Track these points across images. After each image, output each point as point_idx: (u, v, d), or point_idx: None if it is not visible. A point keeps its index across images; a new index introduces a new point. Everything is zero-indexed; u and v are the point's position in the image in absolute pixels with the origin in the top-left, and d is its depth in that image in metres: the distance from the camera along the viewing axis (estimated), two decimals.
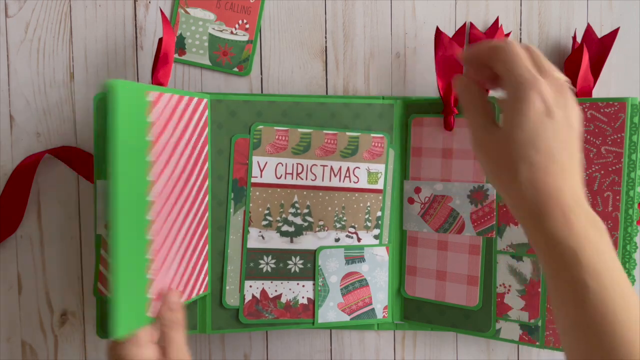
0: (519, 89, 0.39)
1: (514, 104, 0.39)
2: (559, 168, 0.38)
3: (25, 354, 0.59)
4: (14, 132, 0.58)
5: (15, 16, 0.57)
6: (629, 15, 0.61)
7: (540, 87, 0.38)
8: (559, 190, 0.37)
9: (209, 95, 0.53)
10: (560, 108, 0.38)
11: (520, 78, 0.39)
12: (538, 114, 0.38)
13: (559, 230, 0.37)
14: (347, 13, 0.60)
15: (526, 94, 0.38)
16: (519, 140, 0.38)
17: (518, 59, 0.39)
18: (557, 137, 0.38)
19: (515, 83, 0.39)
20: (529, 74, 0.39)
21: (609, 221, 0.52)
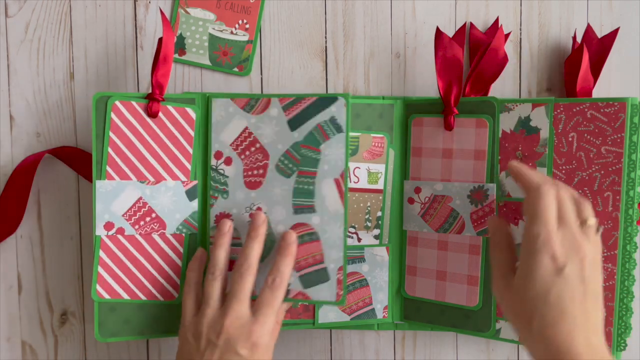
0: (531, 245, 0.41)
1: (526, 259, 0.41)
2: (569, 323, 0.39)
3: (25, 354, 0.59)
4: (14, 132, 0.58)
5: (15, 16, 0.57)
6: (629, 15, 0.61)
7: (552, 245, 0.41)
8: (569, 345, 0.39)
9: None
10: (573, 263, 0.41)
11: (533, 234, 0.41)
12: (547, 272, 0.40)
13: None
14: (347, 13, 0.60)
15: (537, 253, 0.41)
16: (530, 296, 0.40)
17: (541, 211, 0.42)
18: (567, 293, 0.40)
19: (529, 238, 0.42)
20: (544, 231, 0.41)
21: (609, 221, 0.52)
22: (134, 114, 0.52)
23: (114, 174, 0.52)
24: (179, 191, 0.53)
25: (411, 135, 0.58)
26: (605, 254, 0.53)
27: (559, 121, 0.54)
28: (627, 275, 0.52)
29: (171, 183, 0.53)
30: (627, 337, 0.53)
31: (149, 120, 0.52)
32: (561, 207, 0.43)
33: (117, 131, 0.52)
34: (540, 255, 0.41)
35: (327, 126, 0.53)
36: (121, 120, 0.52)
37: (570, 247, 0.41)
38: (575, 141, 0.53)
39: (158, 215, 0.53)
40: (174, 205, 0.53)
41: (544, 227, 0.41)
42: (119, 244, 0.52)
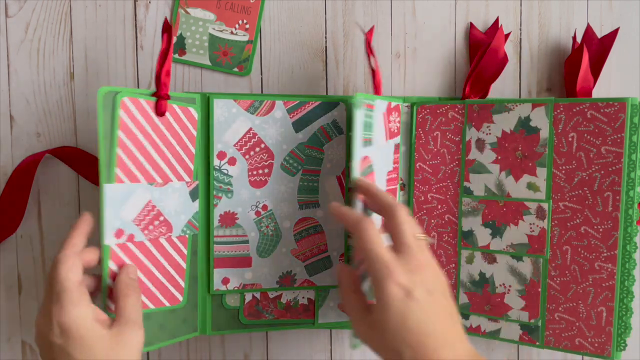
0: (376, 280, 0.42)
1: (377, 298, 0.42)
2: (433, 340, 0.40)
3: (25, 354, 0.59)
4: (14, 132, 0.58)
5: (15, 16, 0.57)
6: (629, 15, 0.61)
7: (394, 275, 0.41)
8: (439, 358, 0.40)
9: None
10: (418, 285, 0.41)
11: (374, 269, 0.42)
12: (399, 300, 0.41)
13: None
14: (347, 13, 0.60)
15: (383, 286, 0.41)
16: (390, 328, 0.41)
17: (368, 248, 0.42)
18: (423, 314, 0.41)
19: (372, 272, 0.42)
20: (380, 265, 0.42)
21: (609, 221, 0.52)
22: (142, 112, 0.49)
23: (123, 176, 0.48)
24: (184, 192, 0.53)
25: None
26: (605, 254, 0.53)
27: (559, 121, 0.54)
28: (627, 275, 0.52)
29: (177, 184, 0.52)
30: (627, 337, 0.53)
31: (156, 119, 0.50)
32: (399, 232, 0.43)
33: (125, 130, 0.48)
34: (387, 288, 0.41)
35: (330, 128, 0.56)
36: (130, 118, 0.48)
37: (412, 270, 0.42)
38: (575, 141, 0.53)
39: (165, 218, 0.52)
40: (179, 207, 0.53)
41: (379, 261, 0.42)
42: (128, 251, 0.49)
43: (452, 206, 0.58)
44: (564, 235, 0.54)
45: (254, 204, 0.55)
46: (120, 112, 0.47)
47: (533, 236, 0.55)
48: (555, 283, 0.55)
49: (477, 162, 0.57)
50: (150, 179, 0.50)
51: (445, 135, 0.58)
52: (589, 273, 0.53)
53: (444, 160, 0.59)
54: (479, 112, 0.57)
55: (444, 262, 0.59)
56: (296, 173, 0.56)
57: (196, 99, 0.53)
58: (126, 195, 0.48)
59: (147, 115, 0.50)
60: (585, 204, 0.53)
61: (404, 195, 0.60)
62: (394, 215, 0.44)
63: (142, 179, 0.49)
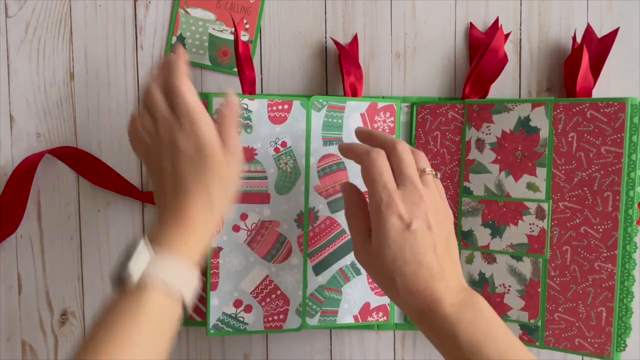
0: (377, 211, 0.43)
1: (377, 226, 0.43)
2: (427, 272, 0.42)
3: (25, 354, 0.59)
4: (14, 132, 0.58)
5: (15, 16, 0.57)
6: (629, 15, 0.61)
7: (396, 206, 0.42)
8: (431, 293, 0.42)
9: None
10: (417, 217, 0.43)
11: (377, 200, 0.43)
12: (397, 231, 0.42)
13: (438, 321, 0.42)
14: (347, 13, 0.60)
15: (383, 216, 0.42)
16: (387, 258, 0.42)
17: (377, 176, 0.43)
18: (419, 246, 0.42)
19: (373, 204, 0.43)
20: (384, 194, 0.43)
21: (608, 221, 0.52)
22: None
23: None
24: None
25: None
26: (605, 254, 0.53)
27: (558, 121, 0.54)
28: (627, 276, 0.52)
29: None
30: (627, 338, 0.53)
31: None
32: (399, 164, 0.44)
33: None
34: (388, 218, 0.42)
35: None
36: None
37: (413, 202, 0.43)
38: (575, 141, 0.53)
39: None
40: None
41: (384, 190, 0.43)
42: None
43: (452, 206, 0.58)
44: (564, 236, 0.54)
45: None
46: None
47: (533, 236, 0.55)
48: (555, 283, 0.55)
49: (477, 162, 0.57)
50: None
51: (445, 135, 0.58)
52: (589, 273, 0.53)
53: (443, 160, 0.59)
54: (478, 112, 0.57)
55: None
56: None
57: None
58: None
59: None
60: (585, 204, 0.53)
61: None
62: (394, 149, 0.45)
63: None
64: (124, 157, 0.59)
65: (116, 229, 0.59)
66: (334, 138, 0.56)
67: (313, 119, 0.55)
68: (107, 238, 0.59)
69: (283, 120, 0.55)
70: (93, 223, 0.59)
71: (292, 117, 0.55)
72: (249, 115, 0.54)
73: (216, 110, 0.47)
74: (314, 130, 0.55)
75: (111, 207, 0.59)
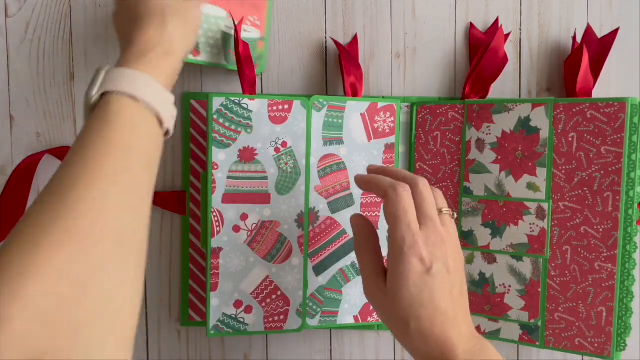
0: (399, 251, 0.41)
1: (396, 265, 0.41)
2: (443, 317, 0.41)
3: None
4: (14, 132, 0.58)
5: (15, 16, 0.57)
6: (629, 15, 0.61)
7: (419, 248, 0.41)
8: (445, 339, 0.41)
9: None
10: (438, 260, 0.41)
11: (399, 239, 0.41)
12: (418, 274, 0.41)
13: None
14: (347, 13, 0.60)
15: (405, 258, 0.41)
16: (404, 301, 0.41)
17: (402, 214, 0.42)
18: (438, 290, 0.41)
19: (395, 243, 0.42)
20: (408, 234, 0.41)
21: (608, 221, 0.52)
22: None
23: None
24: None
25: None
26: (605, 254, 0.53)
27: (558, 121, 0.54)
28: (627, 276, 0.52)
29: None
30: (627, 337, 0.53)
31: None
32: (422, 203, 0.43)
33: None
34: (409, 259, 0.41)
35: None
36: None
37: (434, 245, 0.42)
38: (575, 141, 0.53)
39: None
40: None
41: (408, 230, 0.41)
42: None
43: (452, 206, 0.58)
44: (564, 236, 0.54)
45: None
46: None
47: (533, 236, 0.55)
48: (555, 283, 0.55)
49: (477, 162, 0.57)
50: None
51: (445, 135, 0.58)
52: (589, 273, 0.53)
53: (444, 161, 0.59)
54: (479, 112, 0.57)
55: None
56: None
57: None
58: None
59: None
60: (585, 204, 0.53)
61: None
62: (417, 186, 0.43)
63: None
64: None
65: None
66: (335, 138, 0.56)
67: (313, 119, 0.55)
68: None
69: (283, 120, 0.55)
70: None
71: (293, 117, 0.55)
72: (249, 115, 0.54)
73: None
74: (314, 130, 0.55)
75: None
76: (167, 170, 0.59)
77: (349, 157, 0.57)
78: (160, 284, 0.59)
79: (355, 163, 0.57)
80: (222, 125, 0.53)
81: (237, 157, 0.54)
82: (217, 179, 0.54)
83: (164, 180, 0.59)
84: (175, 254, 0.59)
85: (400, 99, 0.59)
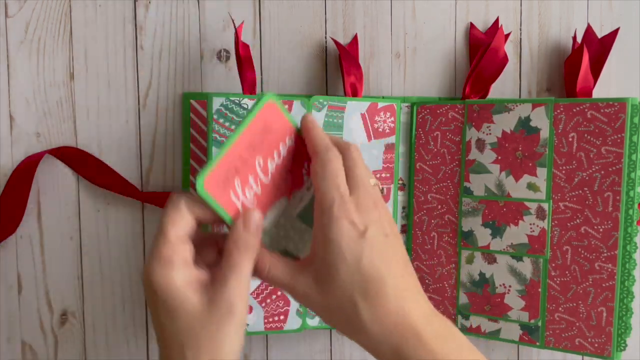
0: (327, 215, 0.36)
1: (324, 234, 0.36)
2: (394, 289, 0.35)
3: (25, 354, 0.59)
4: (14, 132, 0.58)
5: (15, 16, 0.57)
6: (629, 15, 0.61)
7: (349, 210, 0.36)
8: (405, 313, 0.35)
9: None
10: (373, 223, 0.36)
11: (328, 200, 0.36)
12: (351, 239, 0.35)
13: (418, 355, 0.35)
14: (347, 13, 0.60)
15: (335, 221, 0.35)
16: (341, 273, 0.35)
17: (330, 176, 0.37)
18: (380, 255, 0.35)
19: (323, 206, 0.36)
20: (337, 195, 0.36)
21: (609, 221, 0.52)
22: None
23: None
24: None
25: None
26: (605, 254, 0.53)
27: (559, 121, 0.54)
28: (627, 276, 0.52)
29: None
30: (627, 337, 0.53)
31: None
32: (353, 168, 0.38)
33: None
34: (340, 222, 0.35)
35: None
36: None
37: (366, 210, 0.36)
38: (575, 141, 0.53)
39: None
40: None
41: (337, 192, 0.36)
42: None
43: (452, 206, 0.58)
44: (564, 236, 0.54)
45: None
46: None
47: (533, 236, 0.55)
48: (555, 283, 0.55)
49: (477, 162, 0.57)
50: None
51: (445, 135, 0.58)
52: (589, 273, 0.53)
53: (444, 161, 0.59)
54: (479, 112, 0.57)
55: (444, 262, 0.59)
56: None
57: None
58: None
59: None
60: (586, 204, 0.53)
61: (403, 195, 0.60)
62: (347, 152, 0.39)
63: None
64: (124, 157, 0.59)
65: (116, 229, 0.59)
66: None
67: None
68: (107, 238, 0.59)
69: None
70: (93, 223, 0.59)
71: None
72: None
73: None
74: None
75: (111, 207, 0.59)
76: (167, 170, 0.59)
77: None
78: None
79: None
80: (222, 125, 0.53)
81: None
82: None
83: (164, 180, 0.59)
84: None
85: (400, 99, 0.59)
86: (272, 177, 0.39)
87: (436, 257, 0.59)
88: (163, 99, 0.59)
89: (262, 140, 0.38)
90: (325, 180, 0.37)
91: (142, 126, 0.59)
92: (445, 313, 0.59)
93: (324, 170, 0.37)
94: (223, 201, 0.36)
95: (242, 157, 0.37)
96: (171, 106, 0.59)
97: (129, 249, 0.59)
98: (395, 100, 0.58)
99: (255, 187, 0.38)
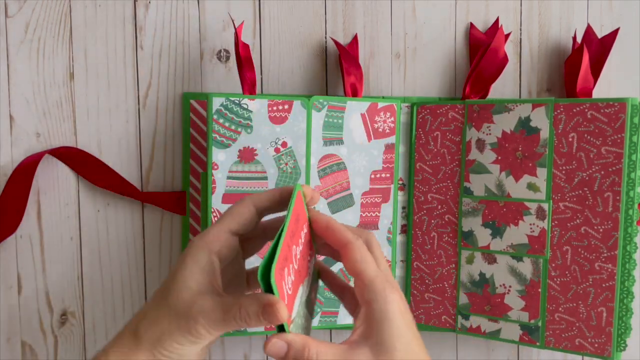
0: (380, 293, 0.37)
1: (375, 310, 0.37)
2: (420, 346, 0.37)
3: (25, 354, 0.59)
4: (14, 132, 0.58)
5: (15, 16, 0.57)
6: (629, 15, 0.61)
7: (395, 284, 0.38)
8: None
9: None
10: (400, 300, 0.38)
11: (378, 281, 0.37)
12: (400, 312, 0.37)
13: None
14: (347, 13, 0.60)
15: (387, 298, 0.36)
16: (397, 347, 0.36)
17: (370, 259, 0.39)
18: (409, 333, 0.37)
19: (371, 289, 0.37)
20: (381, 275, 0.38)
21: (609, 221, 0.52)
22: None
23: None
24: None
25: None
26: (605, 254, 0.53)
27: (559, 121, 0.54)
28: (627, 276, 0.52)
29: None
30: (627, 338, 0.53)
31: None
32: (376, 251, 0.40)
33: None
34: (393, 298, 0.37)
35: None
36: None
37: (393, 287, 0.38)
38: (575, 141, 0.53)
39: None
40: None
41: (380, 274, 0.38)
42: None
43: (452, 206, 0.58)
44: (564, 236, 0.54)
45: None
46: None
47: (533, 236, 0.55)
48: (555, 283, 0.55)
49: (477, 163, 0.57)
50: None
51: (446, 135, 0.58)
52: (589, 273, 0.53)
53: (444, 161, 0.59)
54: (479, 112, 0.57)
55: (444, 262, 0.59)
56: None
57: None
58: None
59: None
60: (586, 204, 0.53)
61: (403, 195, 0.60)
62: (370, 241, 0.41)
63: None
64: (124, 157, 0.59)
65: (116, 229, 0.59)
66: (335, 138, 0.56)
67: (313, 119, 0.55)
68: (107, 238, 0.59)
69: (283, 121, 0.55)
70: (93, 223, 0.59)
71: (293, 117, 0.55)
72: (249, 115, 0.54)
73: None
74: (314, 130, 0.55)
75: (111, 207, 0.59)
76: (167, 170, 0.59)
77: (349, 157, 0.57)
78: (161, 284, 0.59)
79: (355, 163, 0.57)
80: (222, 125, 0.53)
81: (237, 157, 0.54)
82: (217, 179, 0.54)
83: (164, 180, 0.59)
84: (175, 254, 0.59)
85: (401, 99, 0.59)
86: (298, 265, 0.39)
87: (436, 257, 0.59)
88: (163, 99, 0.59)
89: (296, 229, 0.38)
90: (369, 264, 0.38)
91: (142, 126, 0.59)
92: (445, 313, 0.59)
93: (365, 255, 0.39)
94: (281, 294, 0.35)
95: (289, 245, 0.36)
96: (171, 106, 0.59)
97: (129, 249, 0.59)
98: (395, 100, 0.58)
99: (292, 275, 0.38)
